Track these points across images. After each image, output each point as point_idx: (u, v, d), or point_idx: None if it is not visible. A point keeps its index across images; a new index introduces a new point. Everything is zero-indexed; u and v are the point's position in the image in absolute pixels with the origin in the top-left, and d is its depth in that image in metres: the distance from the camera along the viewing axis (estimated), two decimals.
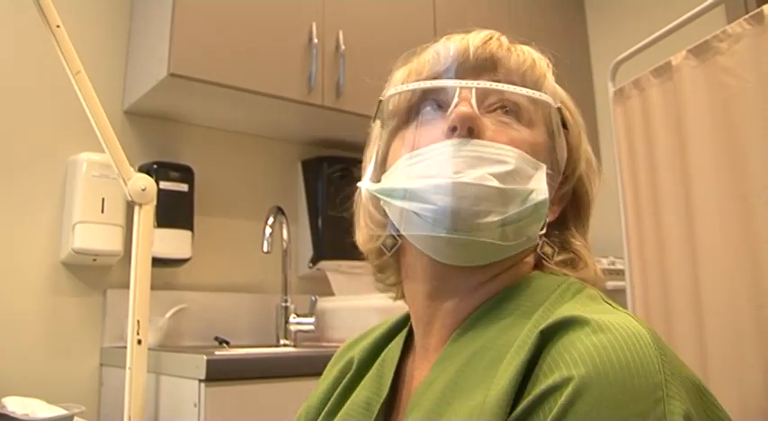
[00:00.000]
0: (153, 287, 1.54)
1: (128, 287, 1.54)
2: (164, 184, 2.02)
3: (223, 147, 2.35)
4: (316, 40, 2.10)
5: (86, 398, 1.88)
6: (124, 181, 1.54)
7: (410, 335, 0.78)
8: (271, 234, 2.14)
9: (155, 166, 2.05)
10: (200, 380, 1.41)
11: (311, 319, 2.16)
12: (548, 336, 0.56)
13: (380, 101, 0.75)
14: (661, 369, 0.50)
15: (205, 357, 1.41)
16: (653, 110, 1.92)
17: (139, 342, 1.48)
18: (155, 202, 1.57)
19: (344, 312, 2.13)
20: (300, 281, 2.40)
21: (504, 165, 0.64)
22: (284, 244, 2.24)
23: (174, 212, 2.06)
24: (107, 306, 2.01)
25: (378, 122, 0.76)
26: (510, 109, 0.69)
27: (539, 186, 0.65)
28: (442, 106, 0.69)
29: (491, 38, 0.73)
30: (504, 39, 0.74)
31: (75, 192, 1.93)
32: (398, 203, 0.66)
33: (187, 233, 2.09)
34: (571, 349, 0.52)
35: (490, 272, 0.68)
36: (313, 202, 2.39)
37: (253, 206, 2.34)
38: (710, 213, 1.68)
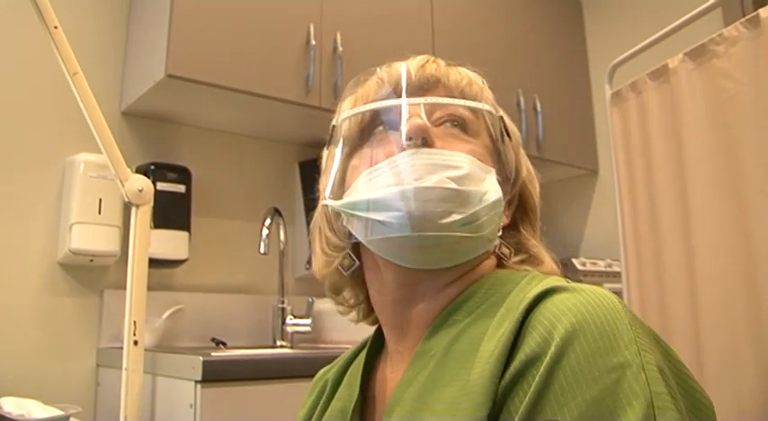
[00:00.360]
0: (150, 288, 1.54)
1: (124, 288, 1.53)
2: (161, 185, 2.02)
3: (220, 148, 2.35)
4: (313, 42, 2.10)
5: (83, 398, 1.88)
6: (121, 182, 1.54)
7: (381, 345, 0.81)
8: (268, 235, 2.14)
9: (152, 167, 2.05)
10: (197, 382, 1.41)
11: (308, 321, 2.16)
12: (528, 309, 0.59)
13: (333, 126, 0.80)
14: (632, 326, 0.55)
15: (201, 358, 1.42)
16: (650, 112, 1.93)
17: (136, 343, 1.48)
18: (152, 203, 1.57)
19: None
20: (297, 282, 2.41)
21: (459, 170, 0.68)
22: (281, 245, 2.24)
23: (171, 213, 2.06)
24: (104, 306, 2.01)
25: (331, 148, 0.80)
26: (456, 122, 0.73)
27: (491, 187, 0.70)
28: (393, 125, 0.72)
29: (428, 61, 0.77)
30: (440, 61, 0.78)
31: (73, 193, 1.93)
32: (363, 214, 0.69)
33: (184, 234, 2.09)
34: (553, 309, 0.57)
35: (455, 273, 0.71)
36: (310, 204, 2.38)
37: (250, 207, 2.34)
38: (707, 216, 1.69)
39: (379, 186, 0.68)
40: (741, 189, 1.61)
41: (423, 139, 0.69)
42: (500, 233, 0.73)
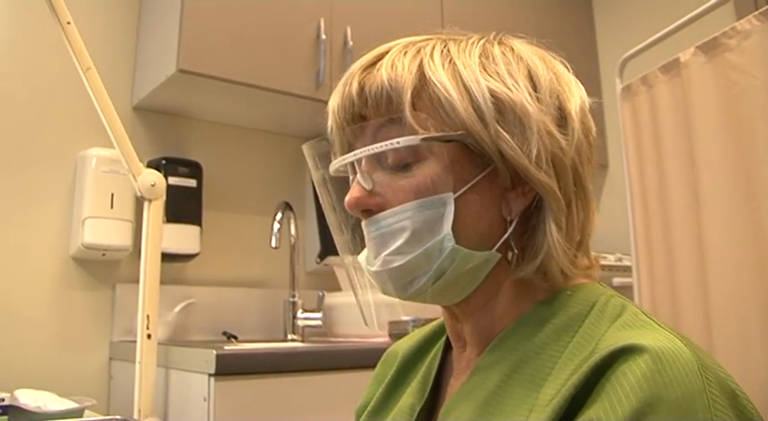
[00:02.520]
0: (161, 282, 1.56)
1: (136, 282, 1.55)
2: (172, 180, 2.02)
3: (231, 142, 2.36)
4: (324, 36, 2.11)
5: (96, 391, 1.89)
6: (134, 176, 1.55)
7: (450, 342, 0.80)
8: (279, 229, 2.15)
9: (163, 162, 2.06)
10: (210, 375, 1.42)
11: (319, 315, 2.17)
12: (600, 369, 0.56)
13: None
14: (710, 403, 0.53)
15: (214, 352, 1.42)
16: (661, 106, 1.92)
17: (149, 336, 1.50)
18: (164, 198, 1.58)
19: (352, 307, 2.13)
20: (308, 276, 2.41)
21: (404, 233, 0.65)
22: (292, 239, 2.25)
23: (182, 208, 2.07)
24: (116, 300, 2.03)
25: None
26: (392, 161, 0.67)
27: (448, 229, 0.64)
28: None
29: (350, 83, 0.70)
30: (357, 76, 0.70)
31: (85, 188, 1.94)
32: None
33: (195, 228, 2.10)
34: (629, 376, 0.53)
35: (478, 299, 0.70)
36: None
37: (261, 201, 2.35)
38: (718, 210, 1.68)
39: (364, 254, 0.73)
40: (752, 183, 1.61)
41: (363, 212, 0.69)
42: (505, 237, 0.67)
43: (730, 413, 0.53)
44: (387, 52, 0.70)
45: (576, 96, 0.70)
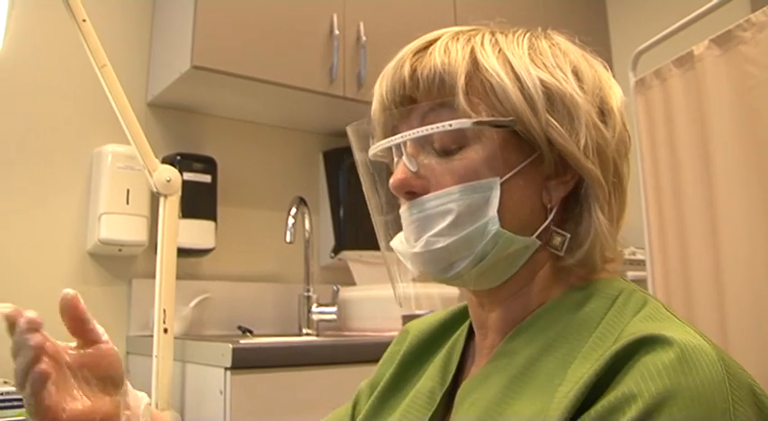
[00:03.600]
0: (177, 277, 1.57)
1: (152, 277, 1.56)
2: (187, 176, 2.04)
3: (245, 138, 2.37)
4: (337, 32, 2.11)
5: None
6: (149, 172, 1.56)
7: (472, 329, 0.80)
8: (293, 224, 2.16)
9: (178, 158, 2.08)
10: (226, 368, 1.44)
11: (333, 309, 2.18)
12: (623, 357, 0.57)
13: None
14: (731, 392, 0.53)
15: (231, 346, 1.44)
16: (675, 100, 1.91)
17: (165, 331, 1.51)
18: (179, 193, 1.60)
19: (366, 302, 2.14)
20: (322, 270, 2.43)
21: (445, 219, 0.66)
22: (306, 234, 2.26)
23: (197, 203, 2.08)
24: (132, 295, 2.05)
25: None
26: (439, 144, 0.68)
27: (493, 213, 0.65)
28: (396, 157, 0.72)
29: (398, 66, 0.71)
30: (409, 59, 0.70)
31: (101, 184, 1.96)
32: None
33: (210, 223, 2.11)
34: (649, 365, 0.54)
35: (513, 286, 0.70)
36: (334, 193, 2.41)
37: (275, 197, 2.36)
38: (732, 203, 1.67)
39: (400, 238, 0.73)
40: (767, 176, 1.60)
41: (407, 193, 0.69)
42: (547, 223, 0.68)
43: (747, 407, 0.54)
44: (437, 38, 0.71)
45: (617, 93, 0.73)
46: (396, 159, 0.70)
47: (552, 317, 0.67)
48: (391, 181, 0.69)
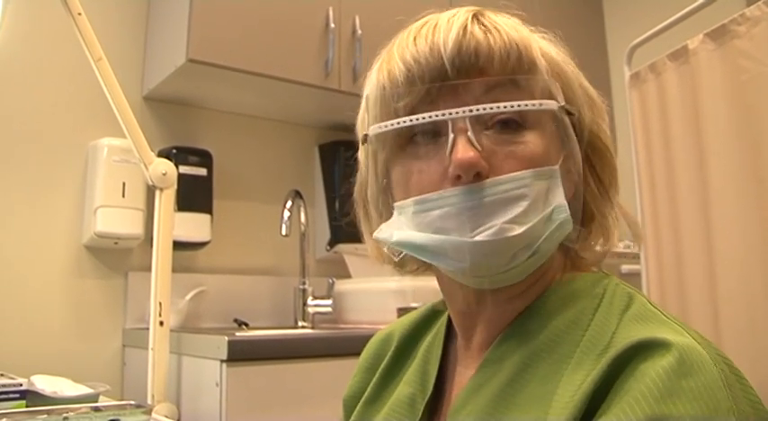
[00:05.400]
0: (173, 270, 1.58)
1: (148, 270, 1.57)
2: (183, 169, 2.03)
3: (241, 131, 2.37)
4: (332, 25, 2.11)
5: (109, 377, 1.91)
6: (145, 165, 1.57)
7: (450, 325, 0.76)
8: (289, 217, 2.16)
9: (174, 151, 2.07)
10: (222, 361, 1.44)
11: (329, 301, 2.18)
12: (620, 364, 0.55)
13: (364, 132, 0.69)
14: (730, 392, 0.53)
15: (227, 338, 1.44)
16: (669, 94, 1.92)
17: (161, 323, 1.52)
18: (175, 187, 1.60)
19: (361, 294, 2.15)
20: (318, 263, 2.43)
21: (522, 201, 0.60)
22: (302, 227, 2.26)
23: (193, 196, 2.08)
24: (128, 288, 2.05)
25: (366, 148, 0.71)
26: (509, 120, 0.62)
27: (560, 201, 0.62)
28: (436, 134, 0.63)
29: (465, 31, 0.64)
30: (477, 28, 0.65)
31: (97, 177, 1.96)
32: (415, 255, 0.65)
33: (206, 217, 2.11)
34: (649, 372, 0.53)
35: (524, 284, 0.66)
36: (330, 186, 2.41)
37: (271, 190, 2.36)
38: (727, 197, 1.68)
39: (433, 229, 0.61)
40: (761, 170, 1.61)
41: (476, 175, 0.60)
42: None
43: (745, 406, 0.54)
44: (473, 14, 0.70)
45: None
46: (452, 135, 0.61)
47: (540, 320, 0.64)
48: (458, 157, 0.59)
